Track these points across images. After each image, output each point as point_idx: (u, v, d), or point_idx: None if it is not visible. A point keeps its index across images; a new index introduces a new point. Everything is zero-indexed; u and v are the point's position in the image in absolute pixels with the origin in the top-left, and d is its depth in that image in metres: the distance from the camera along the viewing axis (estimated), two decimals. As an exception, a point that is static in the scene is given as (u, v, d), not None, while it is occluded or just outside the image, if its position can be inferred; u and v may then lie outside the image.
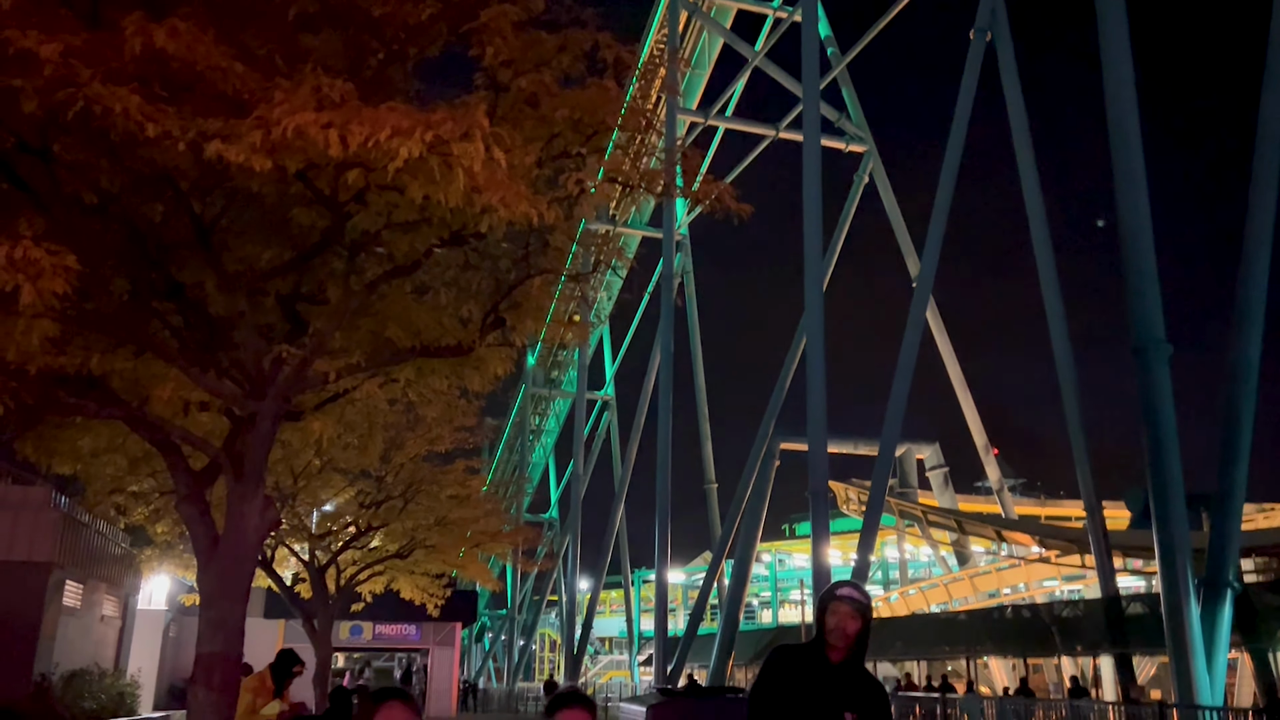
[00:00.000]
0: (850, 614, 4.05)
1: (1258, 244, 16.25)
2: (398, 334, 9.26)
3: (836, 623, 4.04)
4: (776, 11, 37.40)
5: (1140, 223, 15.91)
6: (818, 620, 4.16)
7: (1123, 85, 16.18)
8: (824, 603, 4.15)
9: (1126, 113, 16.08)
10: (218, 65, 6.13)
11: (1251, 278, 15.96)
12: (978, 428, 36.92)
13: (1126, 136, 16.03)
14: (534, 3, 7.96)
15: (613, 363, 59.62)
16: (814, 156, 25.53)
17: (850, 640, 4.04)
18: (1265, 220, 16.27)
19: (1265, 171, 16.19)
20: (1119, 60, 15.97)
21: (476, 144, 6.11)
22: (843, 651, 4.05)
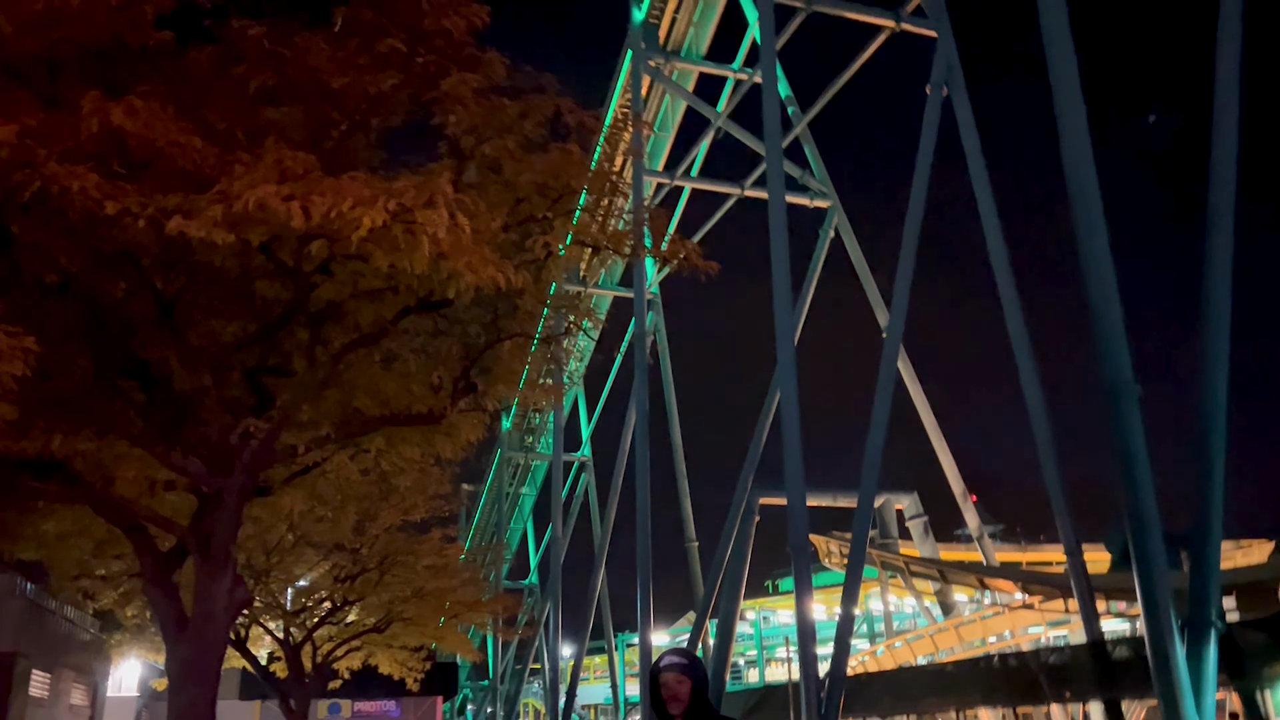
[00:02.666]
0: (677, 679, 4.30)
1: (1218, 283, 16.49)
2: (366, 404, 9.16)
3: (668, 693, 4.29)
4: (737, 73, 38.06)
5: (1102, 265, 16.12)
6: (652, 696, 4.33)
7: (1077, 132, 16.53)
8: (652, 679, 4.37)
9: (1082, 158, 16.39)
10: (176, 141, 6.11)
11: (1213, 319, 16.19)
12: (955, 475, 36.94)
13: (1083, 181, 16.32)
14: (495, 71, 8.03)
15: (588, 423, 59.39)
16: (779, 213, 25.82)
17: (686, 702, 4.28)
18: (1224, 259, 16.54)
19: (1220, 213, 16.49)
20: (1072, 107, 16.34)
21: (440, 211, 6.10)
22: (682, 715, 4.31)
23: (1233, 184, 16.19)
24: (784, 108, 33.39)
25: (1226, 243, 16.45)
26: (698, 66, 39.33)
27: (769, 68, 26.38)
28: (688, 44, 38.94)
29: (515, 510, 72.16)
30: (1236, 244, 16.51)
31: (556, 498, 52.34)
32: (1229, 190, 16.24)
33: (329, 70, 7.48)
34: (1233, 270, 16.58)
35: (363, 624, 22.57)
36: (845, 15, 27.16)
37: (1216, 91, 16.33)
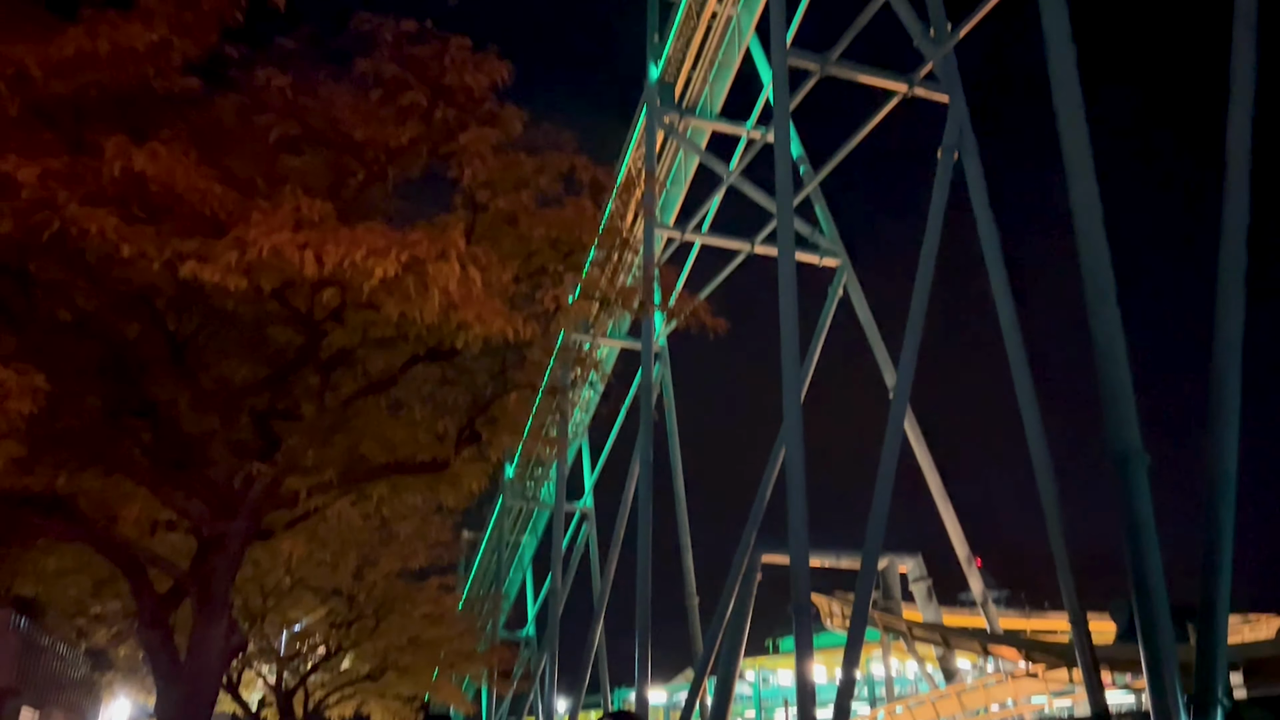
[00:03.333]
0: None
1: (1228, 353, 16.48)
2: (372, 450, 9.16)
3: None
4: (750, 132, 38.51)
5: (1113, 333, 16.13)
6: None
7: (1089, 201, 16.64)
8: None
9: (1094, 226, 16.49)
10: (196, 187, 6.20)
11: (1223, 389, 16.16)
12: (959, 539, 36.64)
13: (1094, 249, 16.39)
14: (513, 126, 8.16)
15: (591, 473, 59.16)
16: (789, 271, 25.95)
17: None
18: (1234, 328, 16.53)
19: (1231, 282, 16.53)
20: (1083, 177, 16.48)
21: (452, 263, 6.17)
22: None
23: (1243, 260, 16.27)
24: (796, 167, 33.74)
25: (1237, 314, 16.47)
26: (711, 124, 39.80)
27: (782, 128, 26.69)
28: (702, 102, 39.45)
29: (515, 559, 71.65)
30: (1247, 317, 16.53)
31: (557, 547, 52.00)
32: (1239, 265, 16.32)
33: (351, 121, 7.63)
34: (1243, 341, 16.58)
35: (356, 671, 22.33)
36: (858, 79, 27.53)
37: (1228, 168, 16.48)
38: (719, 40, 37.84)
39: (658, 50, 39.12)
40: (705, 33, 37.82)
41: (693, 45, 38.28)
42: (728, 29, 37.45)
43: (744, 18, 36.88)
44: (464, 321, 6.90)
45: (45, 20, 6.91)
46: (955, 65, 27.55)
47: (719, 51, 38.07)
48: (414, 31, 7.53)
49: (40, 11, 7.04)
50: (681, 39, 38.19)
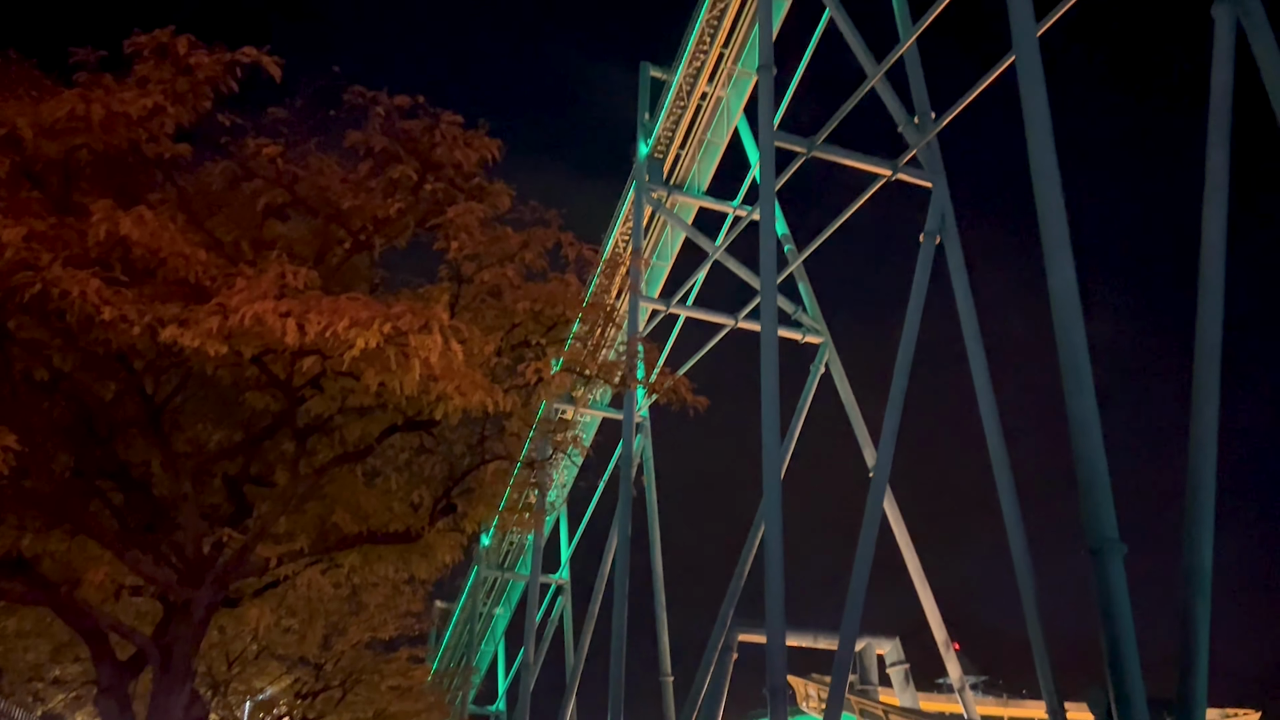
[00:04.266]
0: None
1: (1203, 447, 16.59)
2: (345, 519, 9.05)
3: None
4: (736, 210, 39.08)
5: (1089, 421, 16.22)
6: None
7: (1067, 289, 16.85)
8: None
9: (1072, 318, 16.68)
10: (181, 252, 6.23)
11: (1199, 482, 16.22)
12: (938, 622, 36.27)
13: (1072, 339, 16.56)
14: (501, 201, 8.26)
15: (568, 545, 58.53)
16: (771, 348, 26.08)
17: None
18: (1209, 422, 16.67)
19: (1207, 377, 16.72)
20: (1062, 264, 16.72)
21: (434, 336, 6.19)
22: None
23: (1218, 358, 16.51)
24: (780, 245, 34.17)
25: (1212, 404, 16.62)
26: (698, 201, 40.38)
27: (767, 207, 27.08)
28: (690, 179, 40.07)
29: (488, 631, 70.41)
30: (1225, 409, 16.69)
31: (531, 620, 51.15)
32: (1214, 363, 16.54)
33: (339, 191, 7.70)
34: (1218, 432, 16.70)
35: (320, 745, 21.72)
36: (843, 162, 28.05)
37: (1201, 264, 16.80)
38: (708, 120, 38.58)
39: (648, 128, 39.83)
40: (695, 112, 38.57)
41: (682, 124, 39.01)
42: (717, 109, 38.21)
43: (733, 99, 37.66)
44: (444, 393, 6.90)
45: (38, 82, 6.99)
46: (938, 152, 28.12)
47: (708, 131, 38.80)
48: (406, 106, 7.65)
49: (33, 73, 7.12)
50: (671, 118, 38.93)
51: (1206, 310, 16.70)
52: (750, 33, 34.89)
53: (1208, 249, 16.98)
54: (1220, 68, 17.68)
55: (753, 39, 34.50)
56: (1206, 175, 17.34)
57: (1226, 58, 17.66)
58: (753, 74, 34.50)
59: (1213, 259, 16.83)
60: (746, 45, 35.65)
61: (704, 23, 35.80)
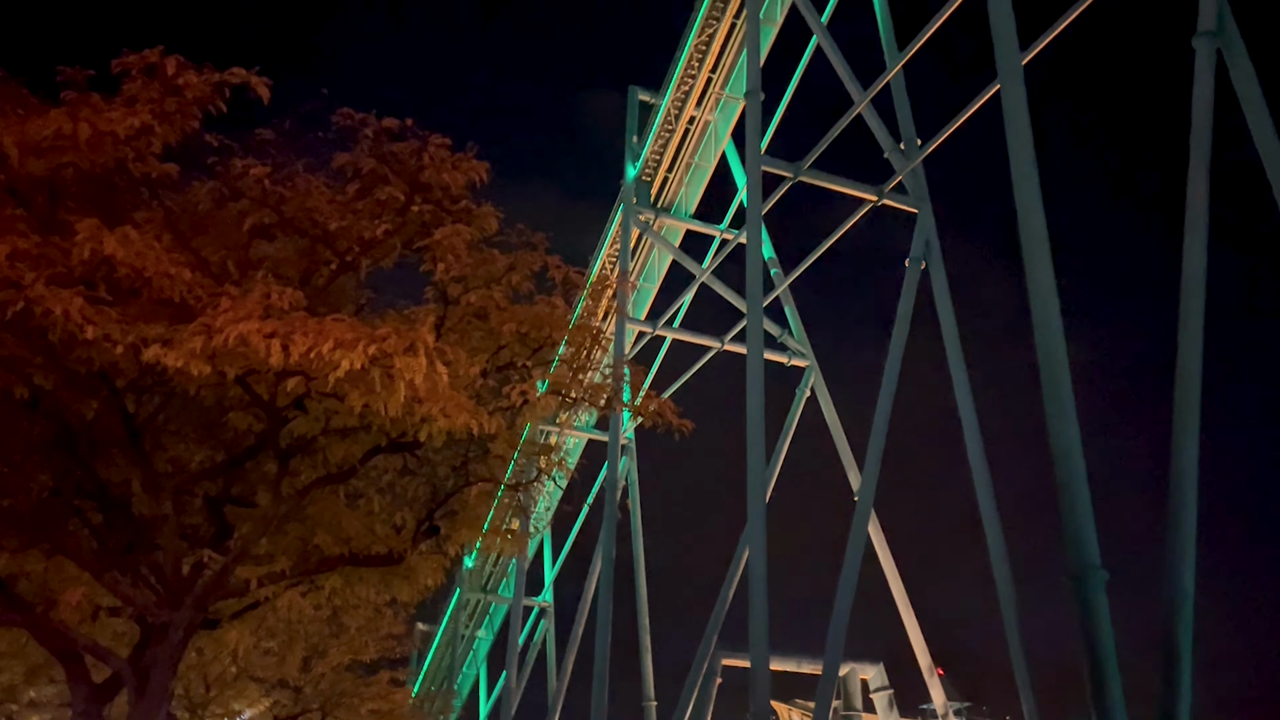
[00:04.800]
0: None
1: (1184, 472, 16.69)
2: (326, 541, 8.99)
3: None
4: (723, 233, 39.23)
5: (1072, 447, 16.28)
6: None
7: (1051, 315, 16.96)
8: None
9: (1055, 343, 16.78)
10: (166, 272, 6.22)
11: (1180, 508, 16.31)
12: (921, 648, 36.23)
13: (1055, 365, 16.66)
14: (488, 224, 8.28)
15: (552, 567, 58.23)
16: (757, 371, 26.13)
17: None
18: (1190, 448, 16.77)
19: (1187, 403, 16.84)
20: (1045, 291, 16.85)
21: (419, 358, 6.19)
22: None
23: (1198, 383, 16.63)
24: (767, 268, 34.28)
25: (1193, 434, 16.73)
26: (686, 224, 40.54)
27: (754, 231, 27.23)
28: (678, 202, 40.25)
29: (469, 654, 69.88)
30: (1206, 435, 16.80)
31: (513, 644, 50.85)
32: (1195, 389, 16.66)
33: (327, 212, 7.71)
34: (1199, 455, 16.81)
35: (299, 768, 21.46)
36: (830, 187, 28.23)
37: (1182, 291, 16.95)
38: (696, 144, 38.80)
39: (636, 151, 40.01)
40: (683, 136, 38.78)
41: (670, 147, 39.21)
42: (705, 133, 38.44)
43: (721, 124, 37.89)
44: (428, 415, 6.89)
45: (25, 100, 6.98)
46: (924, 178, 28.34)
47: (696, 155, 39.01)
48: (394, 128, 7.67)
49: (20, 91, 7.11)
50: (659, 141, 39.13)
51: (1187, 337, 16.84)
52: (738, 58, 35.16)
53: (1188, 276, 17.15)
54: (1201, 98, 17.92)
55: (740, 64, 34.75)
56: (1187, 204, 17.53)
57: (1207, 89, 17.91)
58: (740, 99, 34.73)
59: (1193, 286, 17.00)
60: (734, 70, 35.92)
61: (692, 48, 36.07)
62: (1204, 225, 17.31)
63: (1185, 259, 17.21)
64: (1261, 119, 17.40)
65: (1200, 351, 16.82)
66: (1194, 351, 16.78)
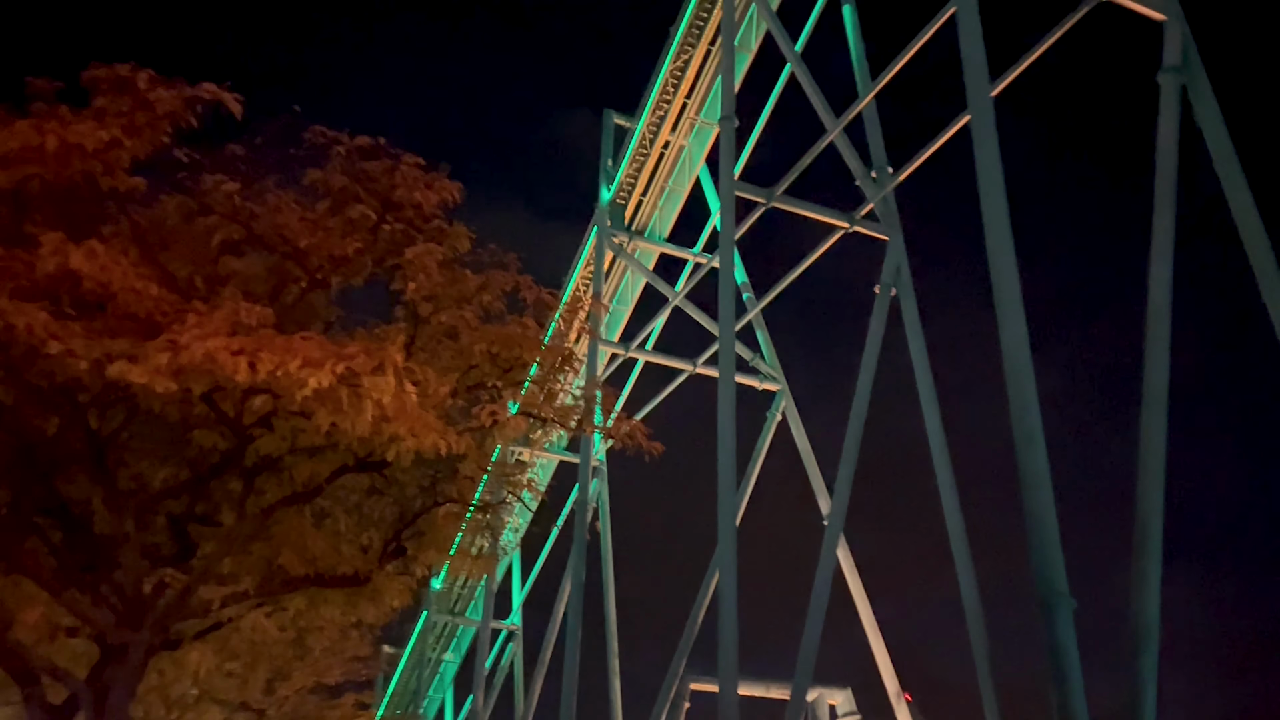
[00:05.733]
0: None
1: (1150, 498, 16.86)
2: (292, 561, 8.87)
3: None
4: (696, 257, 39.43)
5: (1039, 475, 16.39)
6: None
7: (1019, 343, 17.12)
8: None
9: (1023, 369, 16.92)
10: (132, 287, 6.15)
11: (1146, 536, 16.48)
12: (889, 672, 36.25)
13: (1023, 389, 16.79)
14: (460, 243, 8.27)
15: (521, 590, 57.81)
16: (729, 394, 26.17)
17: None
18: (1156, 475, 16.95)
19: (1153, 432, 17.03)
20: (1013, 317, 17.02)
21: (388, 378, 6.15)
22: None
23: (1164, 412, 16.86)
24: (739, 292, 34.44)
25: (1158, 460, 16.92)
26: (659, 247, 40.71)
27: (727, 255, 27.34)
28: (651, 225, 40.42)
29: (436, 678, 69.13)
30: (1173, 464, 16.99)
31: (480, 667, 50.36)
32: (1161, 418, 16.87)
33: (297, 229, 7.66)
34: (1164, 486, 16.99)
35: (259, 794, 21.08)
36: (802, 213, 28.43)
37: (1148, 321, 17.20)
38: (670, 168, 39.02)
39: (611, 174, 40.18)
40: (657, 160, 38.99)
41: (645, 171, 39.41)
42: (679, 158, 38.66)
43: (695, 149, 38.15)
44: (397, 434, 6.84)
45: (-8, 111, 6.90)
46: (894, 206, 28.61)
47: (670, 179, 39.23)
48: (367, 146, 7.66)
49: None
50: (634, 165, 39.33)
51: (1153, 365, 17.07)
52: (713, 84, 35.44)
53: (1154, 306, 17.40)
54: (1166, 132, 18.26)
55: (715, 90, 35.03)
56: (1153, 235, 17.82)
57: (1172, 123, 18.25)
58: (715, 124, 34.98)
59: (1159, 316, 17.26)
60: (709, 96, 36.20)
61: (668, 73, 36.34)
62: (1169, 255, 17.60)
63: (1151, 286, 17.49)
64: (1226, 153, 17.77)
65: (1167, 377, 17.05)
66: (1160, 378, 17.01)
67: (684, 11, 34.68)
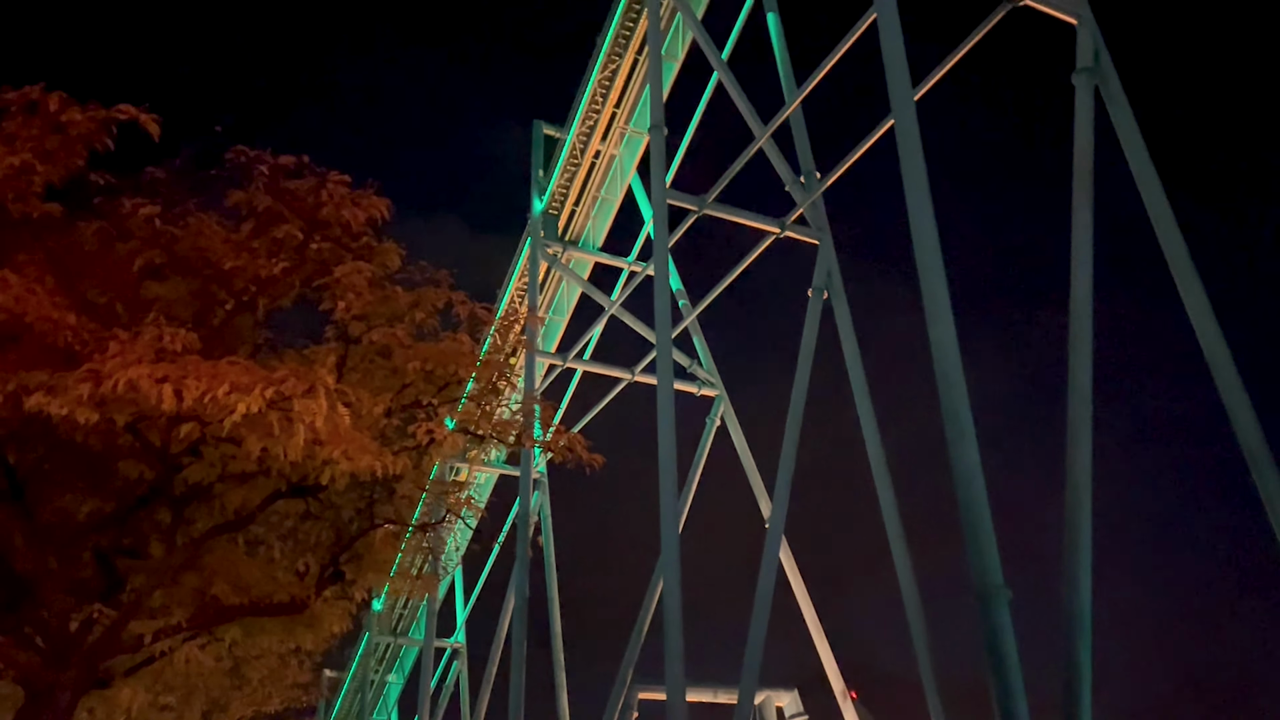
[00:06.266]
0: None
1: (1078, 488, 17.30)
2: (225, 591, 8.68)
3: None
4: (631, 265, 39.53)
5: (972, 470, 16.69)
6: None
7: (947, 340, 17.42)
8: None
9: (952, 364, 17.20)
10: (48, 317, 5.97)
11: (1076, 524, 16.91)
12: (834, 672, 36.62)
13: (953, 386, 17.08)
14: (390, 260, 8.19)
15: (464, 607, 57.25)
16: (667, 401, 26.25)
17: None
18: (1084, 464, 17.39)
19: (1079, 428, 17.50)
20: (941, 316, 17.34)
21: (319, 400, 6.05)
22: None
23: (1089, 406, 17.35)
24: (675, 300, 34.59)
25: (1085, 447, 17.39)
26: (594, 256, 40.73)
27: (661, 263, 27.45)
28: (585, 235, 40.43)
29: (380, 700, 68.07)
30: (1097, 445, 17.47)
31: (425, 687, 49.70)
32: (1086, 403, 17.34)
33: (220, 251, 7.52)
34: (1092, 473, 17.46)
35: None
36: (733, 219, 28.68)
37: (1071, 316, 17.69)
38: (602, 177, 39.10)
39: (542, 184, 40.12)
40: (589, 170, 39.05)
41: (576, 181, 39.43)
42: (611, 167, 38.76)
43: (626, 158, 38.28)
44: (330, 457, 6.74)
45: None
46: (824, 211, 29.03)
47: (602, 188, 39.31)
48: (290, 166, 7.55)
49: None
50: (565, 175, 39.32)
51: (1077, 360, 17.57)
52: (641, 93, 35.61)
53: (1076, 303, 17.91)
54: (1081, 132, 18.82)
55: (644, 99, 35.20)
56: (1073, 233, 18.34)
57: (1087, 123, 18.81)
58: (644, 133, 35.15)
59: (1081, 311, 17.76)
60: (638, 105, 36.35)
61: (596, 82, 36.41)
62: (1089, 254, 18.13)
63: (1073, 284, 17.99)
64: (1139, 152, 18.37)
65: (1090, 372, 17.57)
66: (1084, 374, 17.50)
67: (610, 20, 34.76)
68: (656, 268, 28.13)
